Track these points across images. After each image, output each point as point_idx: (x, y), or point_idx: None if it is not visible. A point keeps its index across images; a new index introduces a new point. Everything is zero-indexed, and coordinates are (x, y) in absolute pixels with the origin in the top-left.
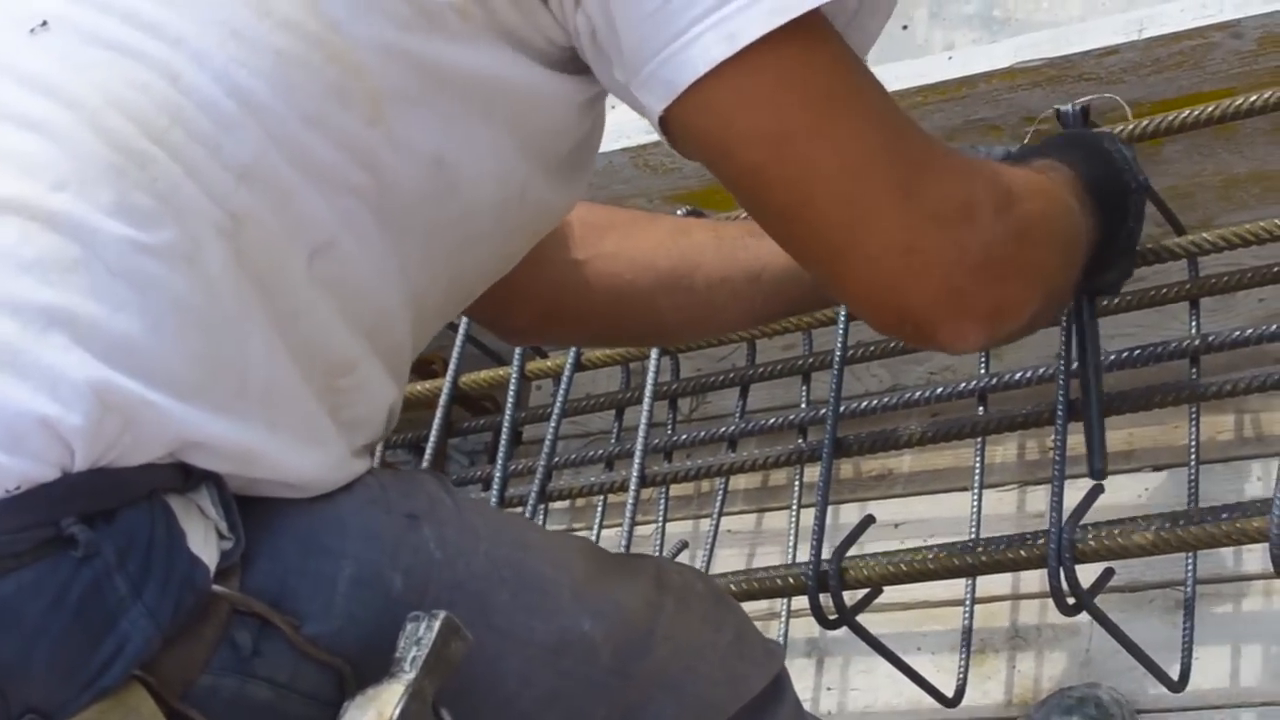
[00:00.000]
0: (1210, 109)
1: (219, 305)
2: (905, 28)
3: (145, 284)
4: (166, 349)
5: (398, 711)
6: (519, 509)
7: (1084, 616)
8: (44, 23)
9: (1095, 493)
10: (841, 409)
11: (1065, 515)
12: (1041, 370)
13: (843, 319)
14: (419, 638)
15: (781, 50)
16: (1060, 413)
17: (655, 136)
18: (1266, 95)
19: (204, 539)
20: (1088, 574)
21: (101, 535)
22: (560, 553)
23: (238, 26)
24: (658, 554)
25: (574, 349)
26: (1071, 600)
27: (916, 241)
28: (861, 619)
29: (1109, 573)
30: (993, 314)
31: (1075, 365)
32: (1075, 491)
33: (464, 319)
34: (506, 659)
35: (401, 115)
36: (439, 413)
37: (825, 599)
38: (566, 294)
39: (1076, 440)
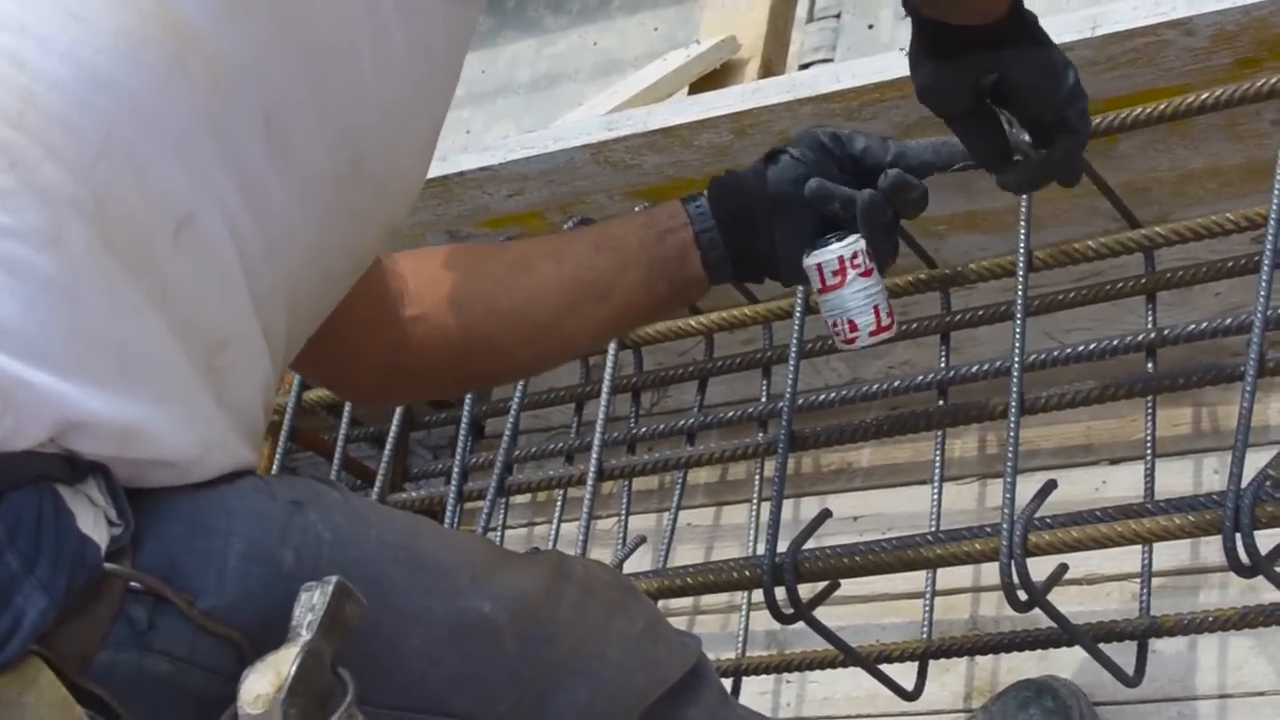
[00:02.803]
0: (1164, 106)
1: (88, 283)
2: (871, 27)
3: (12, 266)
4: (41, 328)
5: (294, 669)
6: (479, 503)
7: None
8: None
9: (1049, 488)
10: (800, 402)
11: (1019, 510)
12: (999, 364)
13: (799, 312)
14: (313, 604)
15: None
16: (1014, 407)
17: (617, 133)
18: (1219, 92)
19: (93, 523)
20: (1046, 566)
21: None
22: (455, 541)
23: (75, 9)
24: (619, 548)
25: None
26: (1024, 596)
27: None
28: (821, 612)
29: (1062, 568)
30: None
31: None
32: (1033, 483)
33: None
34: (408, 638)
35: (238, 79)
36: (400, 407)
37: (782, 593)
38: (405, 353)
39: (1030, 434)
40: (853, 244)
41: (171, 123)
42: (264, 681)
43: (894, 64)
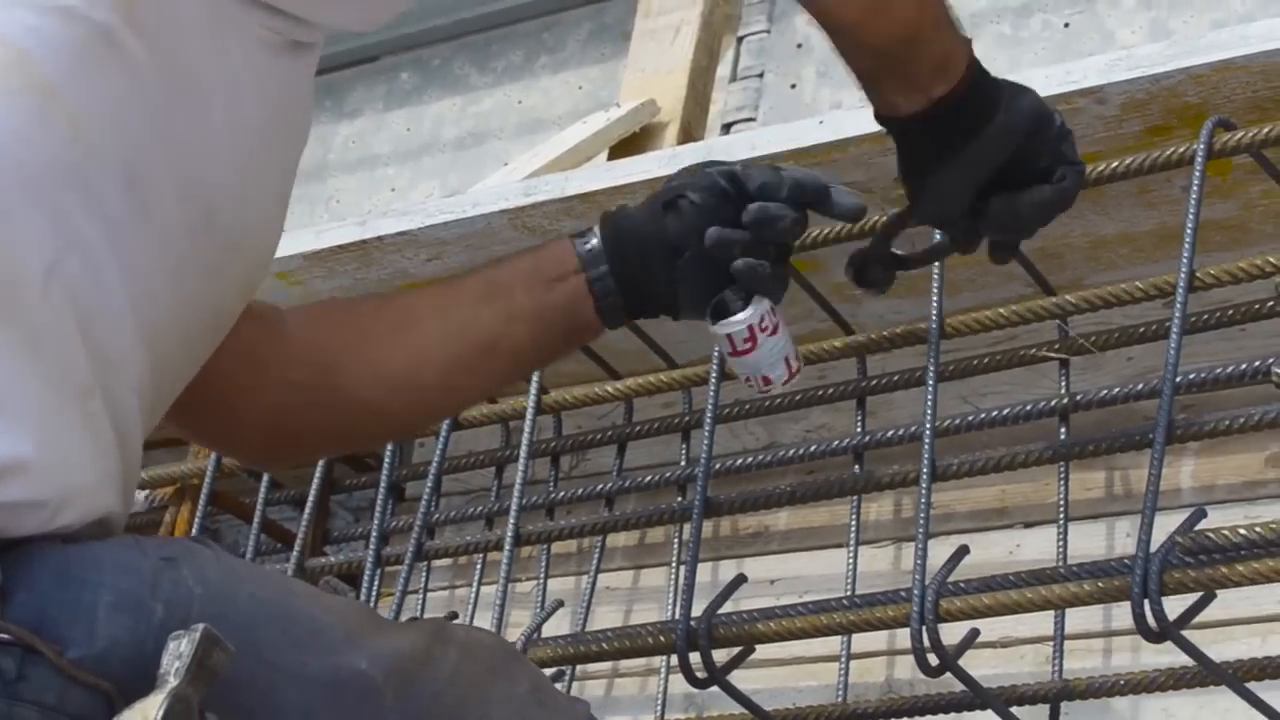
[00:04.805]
0: None
1: None
2: (794, 87)
3: None
4: None
5: (160, 713)
6: (400, 567)
7: None
8: None
9: (961, 553)
10: (717, 466)
11: (930, 575)
12: (914, 428)
13: (715, 378)
14: (180, 652)
15: None
16: (925, 473)
17: (535, 198)
18: (1130, 160)
19: None
20: (960, 629)
21: None
22: (331, 602)
23: None
24: (537, 610)
25: None
26: (935, 661)
27: None
28: (738, 675)
29: (973, 634)
30: None
31: None
32: (947, 547)
33: None
34: (282, 692)
35: (97, 131)
36: (319, 469)
37: (697, 658)
38: (288, 417)
39: (944, 498)
40: (758, 309)
41: (35, 171)
42: None
43: (810, 132)
